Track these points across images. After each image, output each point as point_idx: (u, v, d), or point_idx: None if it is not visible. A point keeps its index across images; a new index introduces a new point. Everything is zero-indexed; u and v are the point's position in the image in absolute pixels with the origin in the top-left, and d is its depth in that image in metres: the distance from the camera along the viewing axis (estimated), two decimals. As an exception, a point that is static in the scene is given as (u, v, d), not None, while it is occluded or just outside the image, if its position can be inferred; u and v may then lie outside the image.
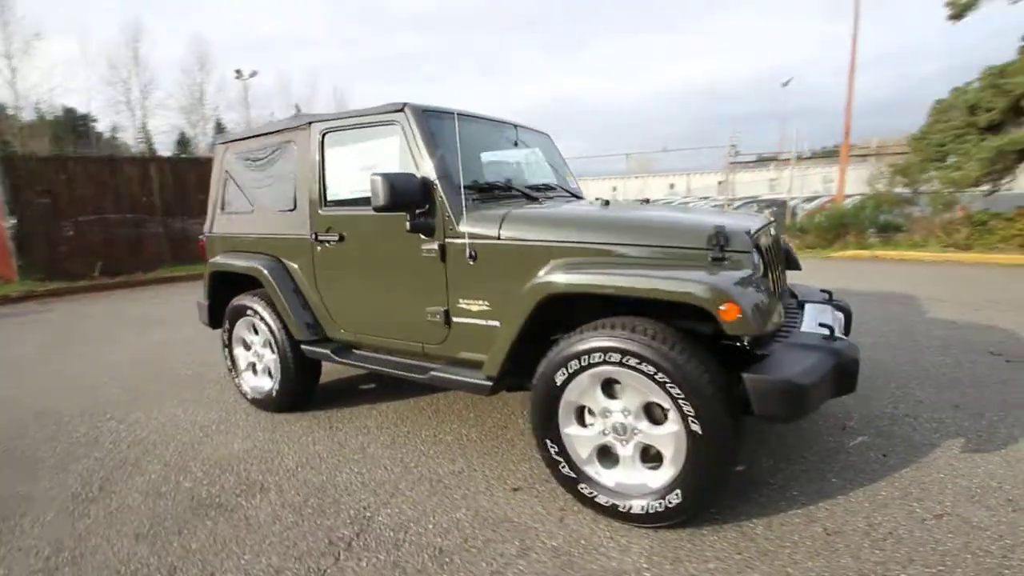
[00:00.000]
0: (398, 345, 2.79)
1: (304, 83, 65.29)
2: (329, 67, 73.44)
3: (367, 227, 2.72)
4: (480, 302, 2.42)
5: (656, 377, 1.83)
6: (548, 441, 2.13)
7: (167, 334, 5.73)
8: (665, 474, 1.92)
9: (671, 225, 2.16)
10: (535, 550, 1.91)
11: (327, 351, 2.98)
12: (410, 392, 3.59)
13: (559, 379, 2.05)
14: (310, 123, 2.94)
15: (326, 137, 2.87)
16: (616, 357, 1.90)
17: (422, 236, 2.50)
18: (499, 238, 2.33)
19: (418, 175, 2.45)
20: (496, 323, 2.39)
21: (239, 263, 3.26)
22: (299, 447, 2.84)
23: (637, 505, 1.96)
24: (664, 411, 1.90)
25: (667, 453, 1.91)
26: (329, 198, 2.89)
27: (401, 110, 2.56)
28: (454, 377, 2.47)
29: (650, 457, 2.02)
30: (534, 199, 2.83)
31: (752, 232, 2.05)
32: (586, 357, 1.97)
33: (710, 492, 1.86)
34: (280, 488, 2.43)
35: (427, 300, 2.57)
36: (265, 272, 3.08)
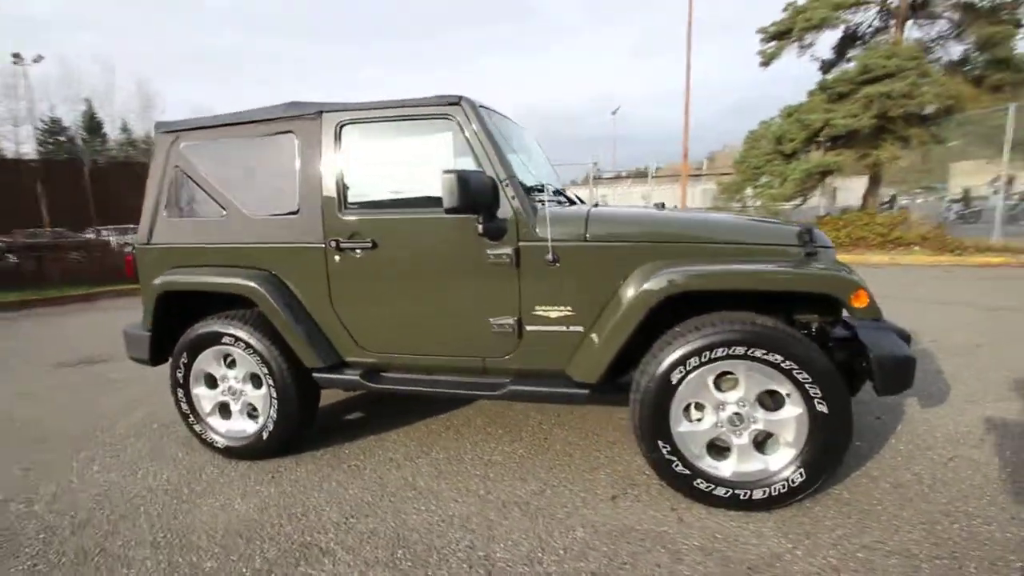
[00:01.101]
0: (448, 363, 2.51)
1: (101, 75, 54.37)
2: (130, 59, 62.42)
3: (410, 232, 2.41)
4: (561, 308, 2.30)
5: (782, 365, 1.95)
6: (660, 442, 2.11)
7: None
8: (785, 456, 2.05)
9: (762, 225, 2.32)
10: (684, 553, 1.88)
11: (354, 377, 2.56)
12: (409, 413, 3.25)
13: (675, 377, 2.06)
14: (320, 112, 2.50)
15: (344, 130, 2.47)
16: (741, 350, 1.98)
17: (488, 240, 2.31)
18: (586, 239, 2.25)
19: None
20: (579, 328, 2.30)
21: (218, 280, 2.62)
22: (329, 495, 2.38)
23: (759, 491, 2.05)
24: (782, 397, 2.03)
25: (787, 436, 2.03)
26: (351, 200, 2.49)
27: (457, 103, 2.33)
28: (543, 390, 2.31)
29: (758, 444, 2.13)
30: (570, 200, 2.80)
31: None
32: (708, 353, 2.01)
33: (830, 468, 2.03)
34: (347, 547, 2.01)
35: (492, 310, 2.37)
36: (261, 290, 2.52)
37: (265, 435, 2.66)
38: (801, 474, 2.01)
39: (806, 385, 1.94)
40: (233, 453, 2.73)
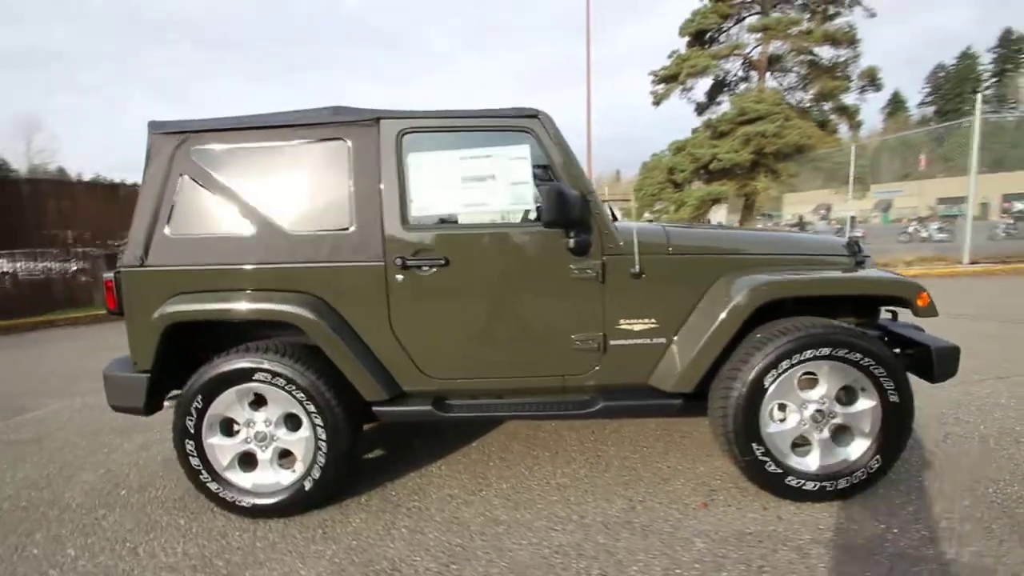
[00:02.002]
0: (522, 384, 2.38)
1: None
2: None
3: (487, 248, 2.28)
4: (645, 320, 2.32)
5: (861, 362, 2.15)
6: (754, 444, 2.20)
7: None
8: (862, 446, 2.24)
9: (815, 238, 2.55)
10: (805, 548, 1.96)
11: (424, 408, 2.31)
12: (428, 445, 3.01)
13: (768, 381, 2.17)
14: (377, 119, 2.29)
15: (405, 139, 2.29)
16: (827, 351, 2.15)
17: (574, 255, 2.27)
18: (669, 252, 2.31)
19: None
20: (662, 340, 2.34)
21: (261, 307, 2.22)
22: (408, 543, 2.11)
23: (843, 481, 2.22)
24: (855, 392, 2.23)
25: (863, 427, 2.23)
26: (414, 214, 2.30)
27: (535, 116, 2.29)
28: (638, 403, 2.28)
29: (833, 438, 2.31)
30: (613, 215, 2.86)
31: None
32: (798, 355, 2.15)
33: (899, 453, 2.26)
34: (470, 595, 1.79)
35: (575, 326, 2.31)
36: (314, 316, 2.20)
37: (308, 485, 2.29)
38: (878, 460, 2.21)
39: (881, 379, 2.16)
40: (262, 512, 2.31)
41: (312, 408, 2.24)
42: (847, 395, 2.26)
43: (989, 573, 1.77)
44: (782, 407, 2.27)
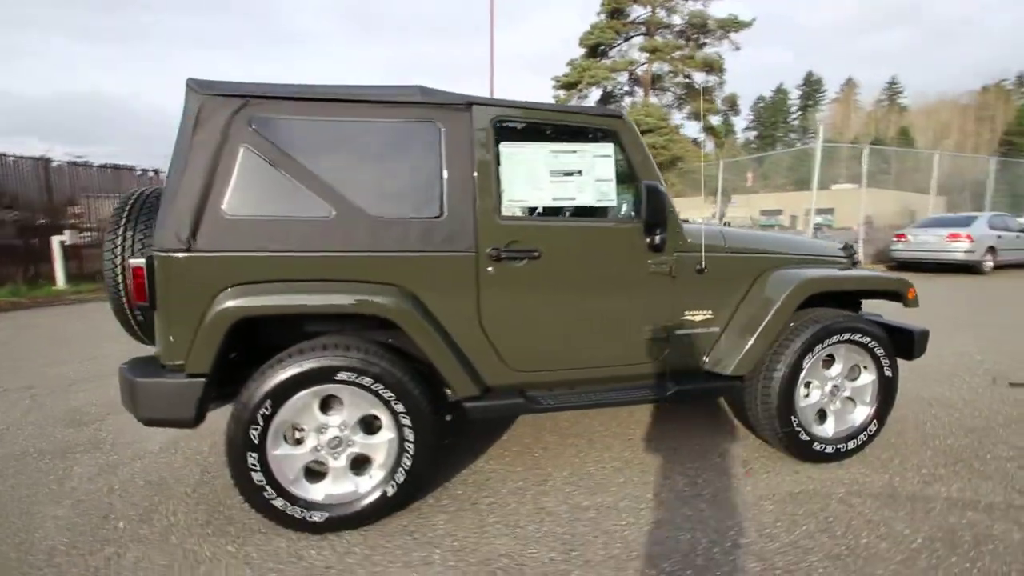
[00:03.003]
0: (599, 374, 2.47)
1: None
2: None
3: (577, 241, 2.33)
4: (705, 312, 2.56)
5: (868, 345, 2.63)
6: (792, 418, 2.56)
7: None
8: (863, 413, 2.72)
9: (819, 242, 2.99)
10: (850, 501, 2.35)
11: (515, 401, 2.28)
12: (460, 441, 2.96)
13: (805, 362, 2.54)
14: (470, 104, 2.21)
15: (499, 127, 2.24)
16: (847, 336, 2.58)
17: (651, 251, 2.42)
18: (726, 250, 2.57)
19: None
20: (716, 329, 2.60)
21: (353, 298, 2.00)
22: (516, 539, 2.10)
23: (851, 443, 2.68)
24: (860, 368, 2.71)
25: (864, 398, 2.71)
26: (506, 204, 2.26)
27: (621, 117, 2.39)
28: (707, 386, 2.50)
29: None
30: None
31: None
32: (828, 340, 2.55)
33: (888, 417, 2.78)
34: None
35: (650, 318, 2.47)
36: (411, 308, 2.05)
37: (391, 490, 2.14)
38: (875, 424, 2.71)
39: (880, 358, 2.66)
40: (336, 525, 2.11)
41: (401, 408, 2.10)
42: (852, 372, 2.74)
43: (972, 504, 2.31)
44: (807, 384, 2.67)
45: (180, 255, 1.97)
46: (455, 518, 2.25)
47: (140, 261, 1.97)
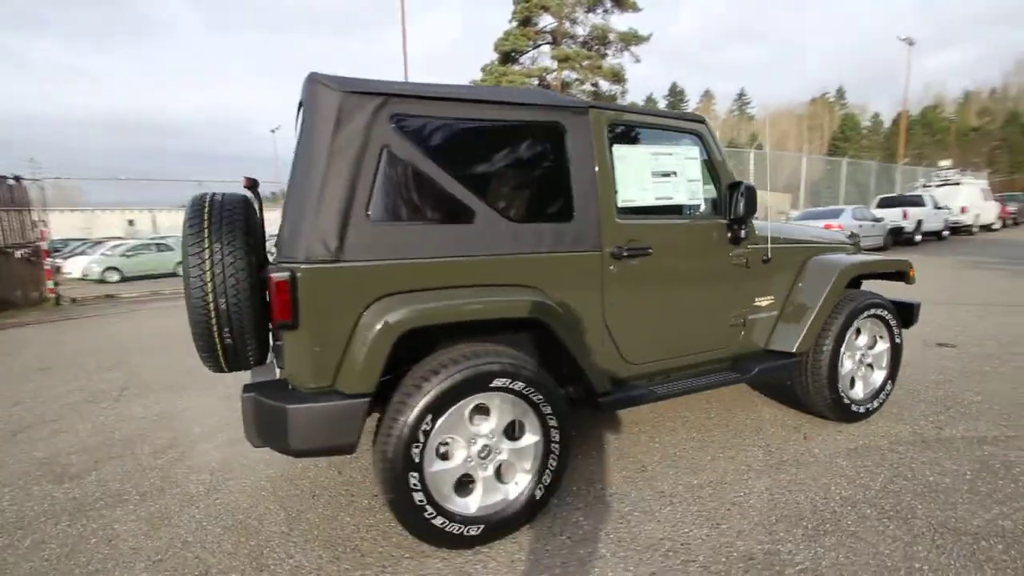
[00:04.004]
0: (690, 361, 2.64)
1: None
2: None
3: (679, 238, 2.48)
4: (768, 298, 2.85)
5: (888, 319, 3.10)
6: (838, 385, 2.94)
7: None
8: (880, 376, 3.19)
9: (835, 233, 3.41)
10: (895, 448, 2.77)
11: (641, 392, 2.37)
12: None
13: (847, 335, 2.94)
14: (588, 107, 2.25)
15: (611, 130, 2.32)
16: (875, 311, 3.02)
17: (733, 245, 2.64)
18: (781, 241, 2.88)
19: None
20: (775, 312, 2.90)
21: (505, 300, 1.94)
22: (684, 523, 2.19)
23: (875, 403, 3.14)
24: (876, 338, 3.18)
25: (882, 363, 3.18)
26: (620, 204, 2.34)
27: (703, 121, 2.57)
28: (777, 364, 2.76)
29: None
30: None
31: None
32: (859, 316, 2.97)
33: (896, 376, 3.28)
34: (788, 537, 2.03)
35: (732, 306, 2.70)
36: (560, 311, 2.05)
37: (539, 494, 2.14)
38: (890, 384, 3.20)
39: (893, 328, 3.15)
40: (489, 536, 2.05)
41: (548, 410, 2.10)
42: (871, 341, 3.20)
43: (981, 440, 2.85)
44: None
45: (329, 266, 1.79)
46: (590, 514, 2.28)
47: (284, 275, 1.76)
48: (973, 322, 5.43)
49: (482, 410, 2.05)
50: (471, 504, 2.05)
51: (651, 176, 2.46)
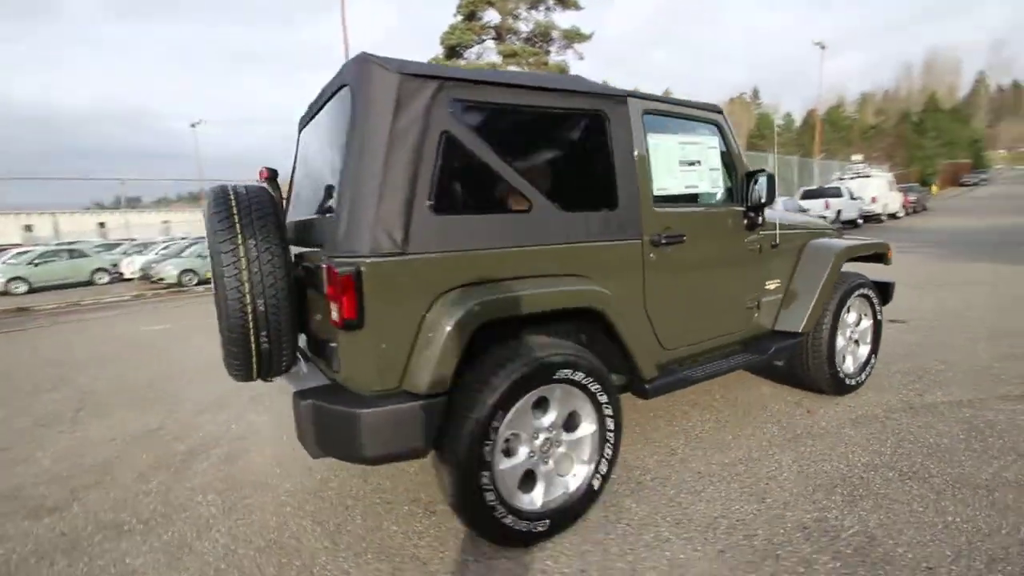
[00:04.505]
0: (714, 343, 2.72)
1: None
2: None
3: (706, 225, 2.54)
4: (776, 281, 2.99)
5: (872, 299, 3.35)
6: (836, 360, 3.15)
7: None
8: (866, 351, 3.44)
9: (819, 219, 3.62)
10: (893, 416, 2.99)
11: (679, 376, 2.41)
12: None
13: (842, 314, 3.14)
14: (626, 96, 2.25)
15: (646, 119, 2.34)
16: (864, 291, 3.26)
17: (749, 231, 2.75)
18: (785, 227, 3.02)
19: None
20: (780, 295, 3.05)
21: (564, 290, 1.90)
22: (734, 501, 2.25)
23: (863, 376, 3.38)
24: (861, 316, 3.42)
25: (867, 339, 3.43)
26: (656, 193, 2.36)
27: (720, 112, 2.65)
28: (790, 343, 2.90)
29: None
30: None
31: None
32: (851, 296, 3.18)
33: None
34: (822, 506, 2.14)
35: (749, 290, 2.81)
36: (612, 296, 2.04)
37: (597, 484, 2.13)
38: (874, 358, 3.46)
39: (876, 306, 3.41)
40: (554, 530, 2.02)
41: (604, 399, 2.10)
42: (858, 319, 3.45)
43: (959, 404, 3.14)
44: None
45: (396, 259, 1.68)
46: (640, 500, 2.31)
47: (349, 270, 1.63)
48: (915, 300, 5.98)
49: (540, 403, 2.02)
50: (536, 500, 2.01)
51: (679, 165, 2.51)
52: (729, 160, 2.72)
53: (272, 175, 2.18)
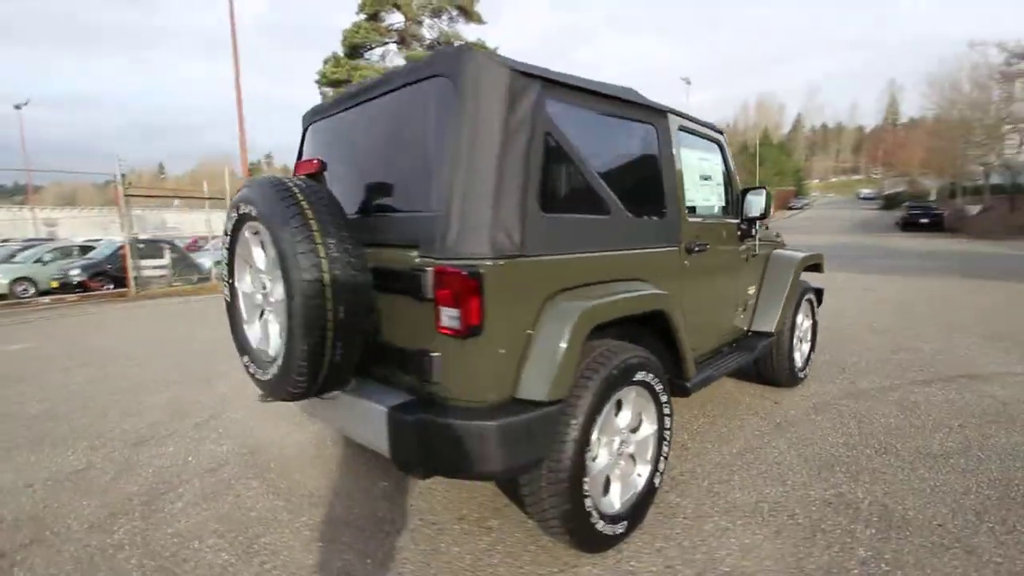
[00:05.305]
0: (719, 344, 2.95)
1: None
2: None
3: (720, 235, 2.77)
4: (753, 286, 3.33)
5: (812, 300, 3.87)
6: (793, 356, 3.59)
7: None
8: (807, 347, 3.96)
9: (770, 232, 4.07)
10: (843, 400, 3.48)
11: (707, 375, 2.56)
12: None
13: (798, 318, 3.60)
14: (667, 112, 2.39)
15: (679, 134, 2.50)
16: (809, 295, 3.76)
17: (743, 241, 3.05)
18: (761, 239, 3.39)
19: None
20: (756, 299, 3.41)
21: (640, 294, 1.96)
22: (744, 488, 2.44)
23: (808, 367, 3.89)
24: (805, 317, 3.94)
25: (807, 337, 3.95)
26: (687, 203, 2.53)
27: (722, 132, 2.91)
28: (765, 343, 3.23)
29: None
30: None
31: None
32: (801, 298, 3.67)
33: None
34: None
35: (740, 295, 3.10)
36: (671, 298, 2.14)
37: (658, 481, 2.21)
38: (812, 353, 4.00)
39: (815, 308, 3.95)
40: (630, 529, 2.06)
41: (664, 399, 2.19)
42: (802, 319, 3.95)
43: (891, 388, 3.75)
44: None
45: (517, 260, 1.61)
46: (683, 493, 2.42)
47: (473, 272, 1.53)
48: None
49: (616, 406, 2.05)
50: (615, 502, 2.02)
51: (699, 179, 2.71)
52: (728, 176, 3.00)
53: (322, 167, 1.94)
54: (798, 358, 3.81)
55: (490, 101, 1.64)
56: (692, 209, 2.62)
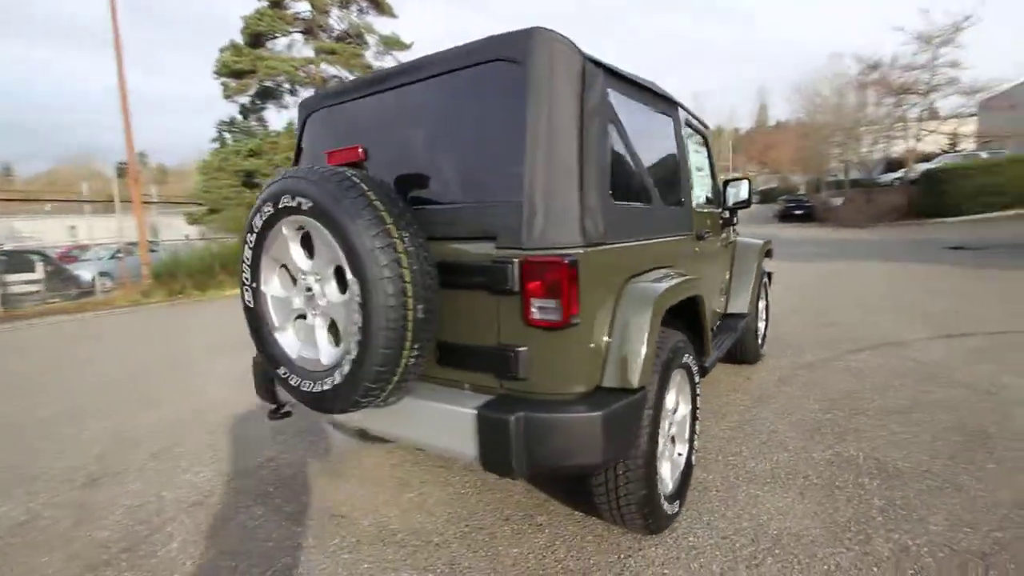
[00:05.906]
0: (711, 326, 3.12)
1: None
2: None
3: (712, 223, 2.92)
4: (727, 272, 3.57)
5: (767, 284, 4.24)
6: (759, 335, 3.91)
7: None
8: (763, 326, 4.33)
9: None
10: (801, 371, 3.85)
11: (715, 355, 2.70)
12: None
13: (759, 303, 3.92)
14: (678, 105, 2.48)
15: (685, 127, 2.61)
16: (765, 280, 4.11)
17: (724, 229, 3.26)
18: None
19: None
20: (727, 285, 3.66)
21: (680, 282, 2.02)
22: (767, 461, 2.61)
23: (765, 347, 4.25)
24: (761, 299, 4.30)
25: (764, 316, 4.32)
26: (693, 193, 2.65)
27: (708, 127, 3.08)
28: (742, 323, 3.47)
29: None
30: None
31: None
32: (762, 280, 4.00)
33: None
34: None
35: (723, 280, 3.31)
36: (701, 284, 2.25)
37: (694, 459, 2.30)
38: (766, 331, 4.37)
39: (767, 291, 4.32)
40: (682, 506, 2.14)
41: (697, 380, 2.29)
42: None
43: (826, 360, 4.20)
44: (752, 314, 4.07)
45: (604, 248, 1.61)
46: (705, 469, 2.54)
47: (571, 261, 1.48)
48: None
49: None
50: (668, 482, 2.08)
51: (695, 170, 2.86)
52: (712, 168, 3.20)
53: (365, 155, 1.78)
54: (760, 336, 4.16)
55: (569, 87, 1.61)
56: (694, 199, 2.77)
